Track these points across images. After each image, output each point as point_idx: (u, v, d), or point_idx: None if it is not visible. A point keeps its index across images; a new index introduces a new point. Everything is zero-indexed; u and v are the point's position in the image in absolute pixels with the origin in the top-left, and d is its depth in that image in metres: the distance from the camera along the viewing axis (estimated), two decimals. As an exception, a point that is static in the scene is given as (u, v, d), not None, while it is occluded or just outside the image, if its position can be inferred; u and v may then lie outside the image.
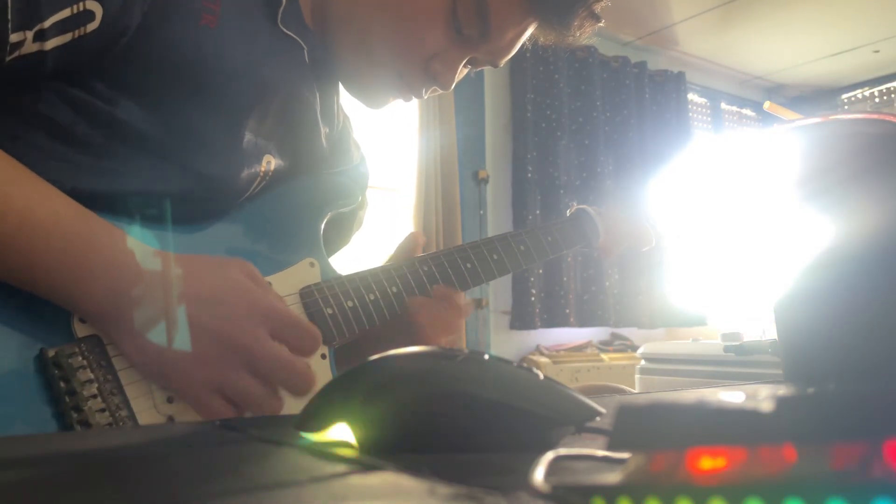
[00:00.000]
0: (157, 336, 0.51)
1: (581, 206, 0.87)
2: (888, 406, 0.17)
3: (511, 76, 3.66)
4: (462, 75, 0.74)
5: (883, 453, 0.16)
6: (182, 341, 0.51)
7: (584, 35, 0.74)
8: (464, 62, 0.71)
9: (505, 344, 3.41)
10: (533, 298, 3.43)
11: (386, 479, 0.26)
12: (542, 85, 3.68)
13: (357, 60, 0.70)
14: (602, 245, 0.86)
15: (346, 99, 0.82)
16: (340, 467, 0.29)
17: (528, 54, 3.61)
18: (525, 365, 0.36)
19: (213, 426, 0.43)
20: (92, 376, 0.51)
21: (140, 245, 0.53)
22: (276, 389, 0.53)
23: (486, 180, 3.47)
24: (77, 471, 0.29)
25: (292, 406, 0.53)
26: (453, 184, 3.24)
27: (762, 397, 0.18)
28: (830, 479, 0.16)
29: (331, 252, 0.82)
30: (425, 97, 0.74)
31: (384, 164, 3.26)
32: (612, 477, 0.20)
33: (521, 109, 3.60)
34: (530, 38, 0.75)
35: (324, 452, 0.32)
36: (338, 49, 0.70)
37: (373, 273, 0.68)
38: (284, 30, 0.65)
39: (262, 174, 0.66)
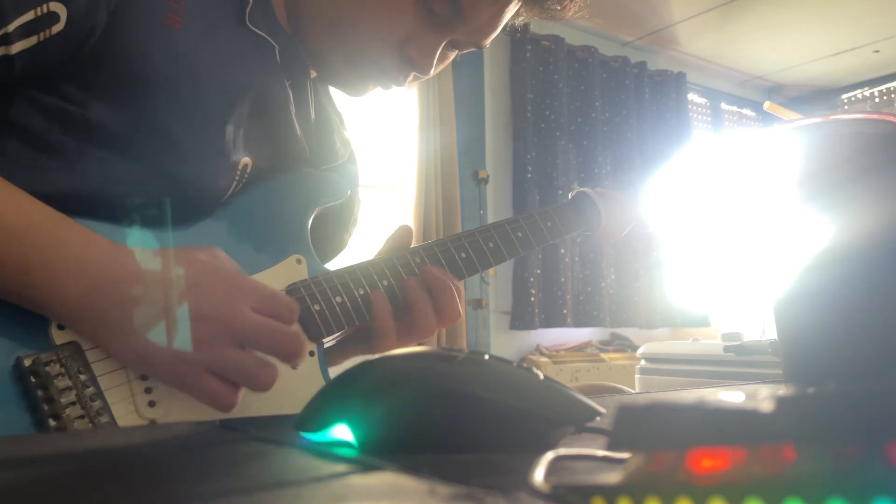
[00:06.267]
0: (140, 328, 0.50)
1: (581, 189, 0.85)
2: (888, 406, 0.17)
3: (511, 76, 3.66)
4: (447, 60, 0.71)
5: (883, 453, 0.16)
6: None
7: (572, 10, 0.72)
8: (442, 45, 0.68)
9: (505, 344, 3.41)
10: (533, 299, 3.43)
11: (386, 479, 0.26)
12: (542, 85, 3.68)
13: (330, 50, 0.68)
14: (605, 228, 0.83)
15: (337, 96, 0.81)
16: (340, 467, 0.29)
17: (528, 55, 3.64)
18: (525, 365, 0.36)
19: (213, 426, 0.43)
20: (70, 383, 0.50)
21: (111, 243, 0.53)
22: (266, 359, 0.53)
23: (486, 180, 3.47)
24: (77, 471, 0.29)
25: (292, 406, 0.53)
26: (453, 184, 3.24)
27: (762, 397, 0.18)
28: (830, 479, 0.16)
29: (328, 253, 0.80)
30: (406, 85, 0.71)
31: (384, 164, 3.26)
32: (612, 477, 0.20)
33: (521, 109, 3.59)
34: (521, 19, 0.72)
35: (324, 452, 0.32)
36: (311, 40, 0.68)
37: (362, 267, 0.66)
38: (253, 28, 0.64)
39: (237, 176, 0.65)
